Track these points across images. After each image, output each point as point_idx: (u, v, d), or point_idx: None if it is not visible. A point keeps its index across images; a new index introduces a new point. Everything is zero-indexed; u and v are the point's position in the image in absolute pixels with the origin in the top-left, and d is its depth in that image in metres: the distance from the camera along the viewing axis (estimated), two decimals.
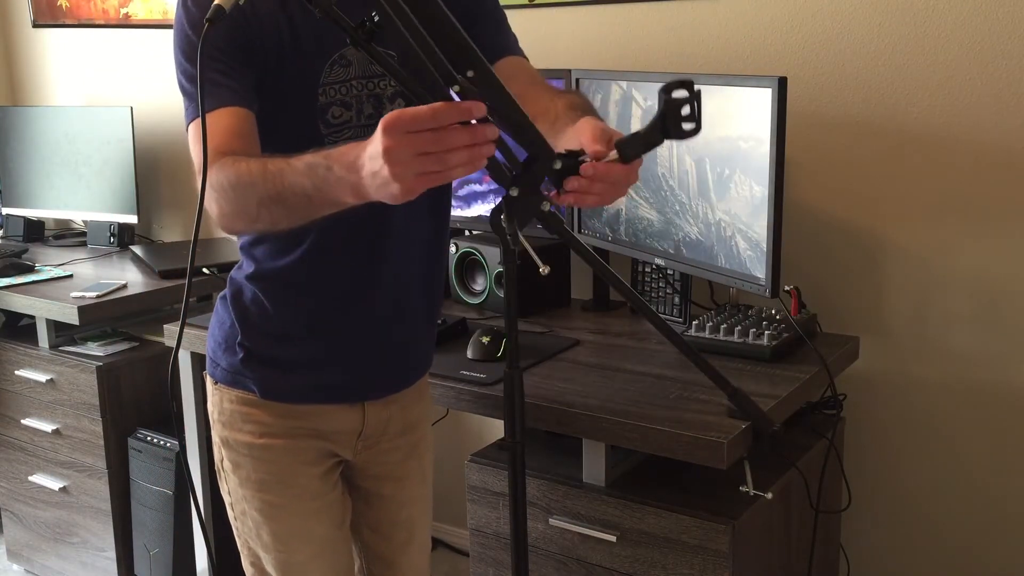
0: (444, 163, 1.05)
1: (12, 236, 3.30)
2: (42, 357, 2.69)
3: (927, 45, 1.98)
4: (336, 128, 1.46)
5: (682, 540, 1.66)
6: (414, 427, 1.68)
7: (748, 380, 1.77)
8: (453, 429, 2.75)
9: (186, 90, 1.42)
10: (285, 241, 1.49)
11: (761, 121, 1.79)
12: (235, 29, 1.38)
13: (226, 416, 1.57)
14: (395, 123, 1.04)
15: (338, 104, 1.45)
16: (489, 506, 1.88)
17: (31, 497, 2.85)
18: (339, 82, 1.45)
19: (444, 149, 1.04)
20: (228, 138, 1.33)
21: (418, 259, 1.57)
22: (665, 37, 2.27)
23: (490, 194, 2.37)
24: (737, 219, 1.88)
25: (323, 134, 1.45)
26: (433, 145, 1.04)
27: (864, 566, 2.23)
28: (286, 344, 1.54)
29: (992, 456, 2.05)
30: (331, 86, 1.44)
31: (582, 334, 2.10)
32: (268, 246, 1.51)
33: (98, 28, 3.29)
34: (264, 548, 1.60)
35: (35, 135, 3.20)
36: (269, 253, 1.52)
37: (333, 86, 1.45)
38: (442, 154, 1.04)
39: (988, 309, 2.00)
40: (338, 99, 1.45)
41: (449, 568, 2.79)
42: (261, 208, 1.24)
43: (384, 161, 1.05)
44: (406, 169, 1.05)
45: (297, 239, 1.48)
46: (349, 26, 1.25)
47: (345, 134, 1.46)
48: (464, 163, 1.06)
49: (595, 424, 1.67)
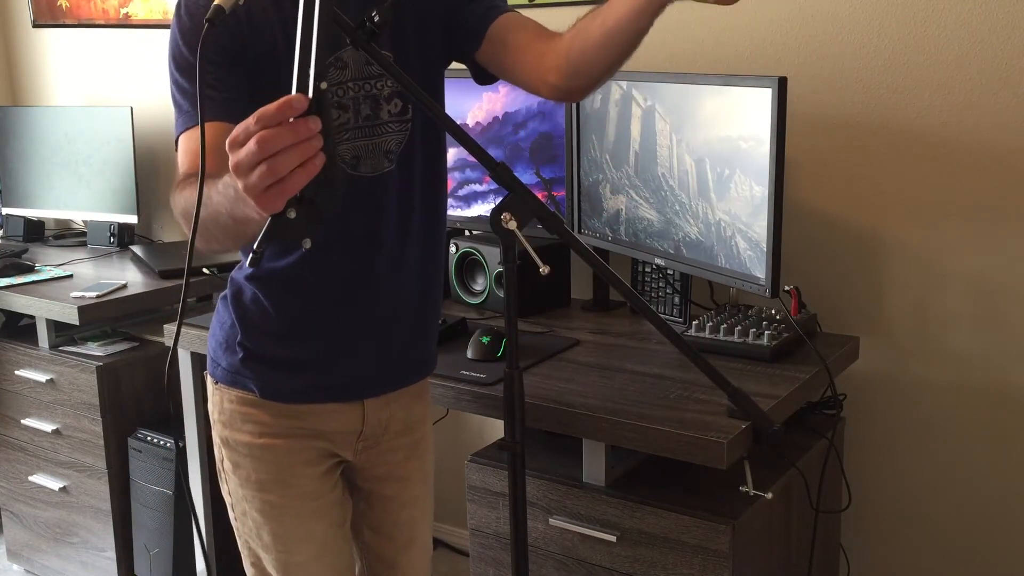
0: (274, 172, 0.98)
1: (12, 236, 3.30)
2: (42, 357, 2.69)
3: (927, 45, 1.98)
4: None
5: (682, 540, 1.66)
6: (415, 427, 1.68)
7: (748, 380, 1.77)
8: (453, 429, 2.75)
9: (175, 100, 1.43)
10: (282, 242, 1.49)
11: (761, 121, 1.79)
12: (229, 36, 1.38)
13: (226, 416, 1.58)
14: (229, 141, 1.00)
15: (335, 107, 1.45)
16: (489, 506, 1.88)
17: (31, 497, 2.85)
18: (335, 84, 1.45)
19: (267, 157, 0.98)
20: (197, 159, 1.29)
21: (416, 258, 1.57)
22: (665, 37, 2.27)
23: (490, 194, 2.37)
24: (737, 219, 1.88)
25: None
26: (256, 157, 0.98)
27: (864, 566, 2.23)
28: (286, 344, 1.54)
29: (992, 456, 2.05)
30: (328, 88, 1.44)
31: (582, 334, 2.10)
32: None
33: (98, 28, 3.29)
34: (264, 548, 1.60)
35: (35, 135, 3.20)
36: (269, 254, 1.52)
37: (329, 88, 1.44)
38: (270, 162, 0.98)
39: (988, 309, 2.00)
40: (335, 101, 1.45)
41: (449, 568, 2.79)
42: (209, 230, 1.22)
43: (235, 178, 1.01)
44: (251, 183, 0.99)
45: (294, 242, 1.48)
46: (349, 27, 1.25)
47: (343, 136, 1.46)
48: (294, 163, 0.98)
49: (595, 424, 1.67)
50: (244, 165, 0.99)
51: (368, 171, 1.49)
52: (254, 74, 1.41)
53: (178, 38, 1.40)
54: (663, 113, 2.00)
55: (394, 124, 1.50)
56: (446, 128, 1.30)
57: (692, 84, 1.94)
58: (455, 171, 2.41)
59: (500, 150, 2.32)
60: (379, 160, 1.49)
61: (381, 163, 1.50)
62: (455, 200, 2.43)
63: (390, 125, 1.50)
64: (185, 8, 1.41)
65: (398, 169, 1.51)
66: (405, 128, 1.51)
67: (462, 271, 2.35)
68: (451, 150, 2.42)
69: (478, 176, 2.39)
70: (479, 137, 2.30)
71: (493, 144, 2.32)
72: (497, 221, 1.26)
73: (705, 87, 1.92)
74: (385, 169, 1.50)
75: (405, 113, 1.50)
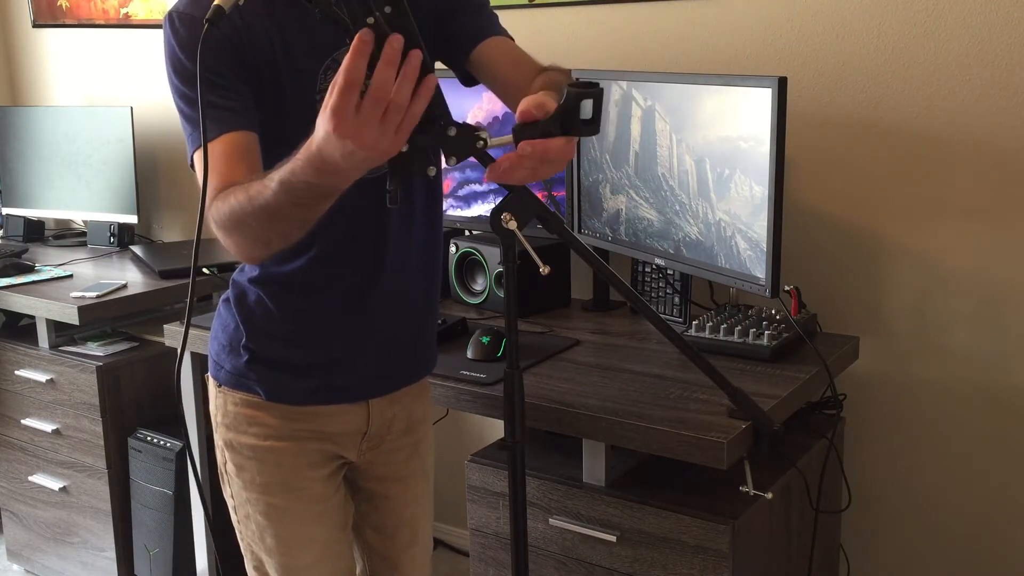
0: (399, 109, 1.04)
1: (12, 236, 3.30)
2: (42, 357, 2.69)
3: (927, 45, 1.98)
4: None
5: (682, 540, 1.66)
6: (417, 426, 1.69)
7: (748, 380, 1.77)
8: (453, 429, 2.75)
9: (186, 114, 1.39)
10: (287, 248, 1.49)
11: (761, 121, 1.79)
12: (227, 46, 1.36)
13: (230, 419, 1.57)
14: (332, 110, 1.05)
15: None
16: (489, 506, 1.88)
17: (31, 497, 2.85)
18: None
19: (385, 101, 1.04)
20: (231, 167, 1.32)
21: (417, 255, 1.57)
22: (665, 37, 2.27)
23: (490, 194, 2.37)
24: (737, 219, 1.88)
25: None
26: (379, 107, 1.04)
27: (864, 566, 2.23)
28: (292, 347, 1.54)
29: (992, 456, 2.05)
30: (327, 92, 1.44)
31: (582, 334, 2.10)
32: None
33: (98, 28, 3.29)
34: (267, 552, 1.60)
35: (35, 135, 3.20)
36: (274, 258, 1.51)
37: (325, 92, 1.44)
38: (392, 104, 1.04)
39: (988, 309, 2.00)
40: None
41: (449, 568, 2.79)
42: (265, 231, 1.24)
43: (360, 143, 1.06)
44: (382, 135, 1.06)
45: (302, 246, 1.48)
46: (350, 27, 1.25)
47: None
48: (410, 92, 1.05)
49: (595, 424, 1.67)
50: (370, 121, 1.04)
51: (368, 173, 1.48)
52: (255, 82, 1.40)
53: (178, 52, 1.37)
54: (663, 113, 2.00)
55: None
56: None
57: (692, 84, 1.94)
58: (455, 171, 2.41)
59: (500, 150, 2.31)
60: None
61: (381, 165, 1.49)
62: (455, 200, 2.43)
63: None
64: (180, 20, 1.37)
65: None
66: None
67: (462, 271, 2.35)
68: None
69: (478, 176, 2.39)
70: None
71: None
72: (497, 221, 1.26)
73: (705, 87, 1.92)
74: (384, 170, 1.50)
75: None
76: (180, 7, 1.39)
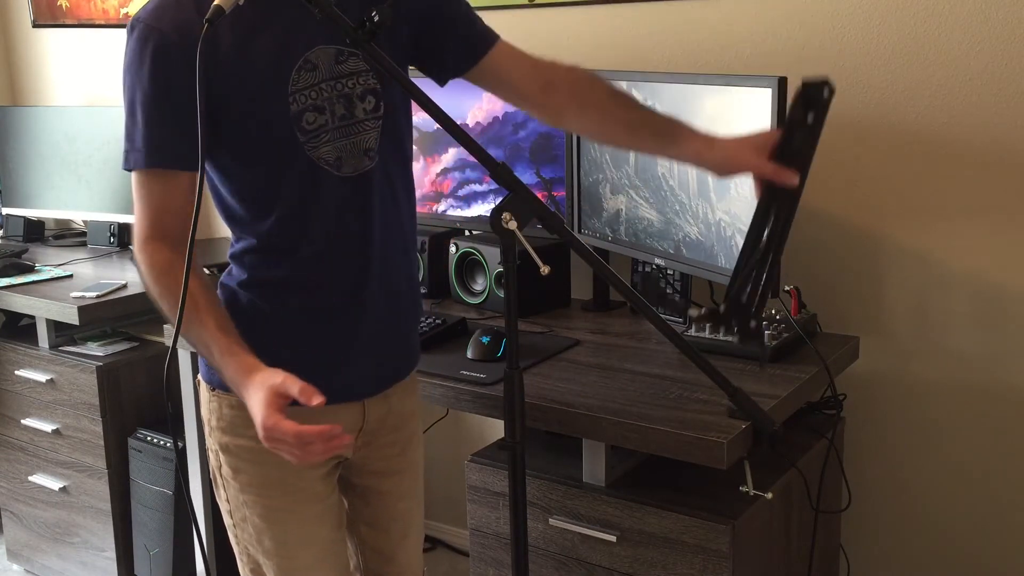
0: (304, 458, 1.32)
1: (12, 236, 3.30)
2: (42, 357, 2.69)
3: (927, 45, 1.98)
4: (313, 134, 1.44)
5: (682, 540, 1.66)
6: (408, 421, 1.69)
7: (748, 380, 1.77)
8: (453, 429, 2.75)
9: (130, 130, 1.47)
10: (276, 253, 1.49)
11: (761, 121, 1.79)
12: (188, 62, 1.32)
13: (226, 422, 1.56)
14: (272, 430, 1.29)
15: (311, 109, 1.44)
16: (489, 506, 1.88)
17: (31, 497, 2.85)
18: (308, 87, 1.43)
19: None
20: (161, 215, 1.44)
21: (401, 249, 1.58)
22: (665, 37, 2.27)
23: (490, 194, 2.37)
24: (737, 219, 1.88)
25: (301, 142, 1.44)
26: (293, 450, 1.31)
27: (864, 566, 2.23)
28: (286, 349, 1.53)
29: (992, 456, 2.05)
30: (301, 92, 1.43)
31: (582, 334, 2.10)
32: (259, 256, 1.51)
33: (98, 28, 3.29)
34: (266, 554, 1.59)
35: (35, 135, 3.20)
36: (261, 263, 1.51)
37: (303, 92, 1.43)
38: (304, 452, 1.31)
39: (988, 309, 2.00)
40: (310, 104, 1.44)
41: (449, 568, 2.79)
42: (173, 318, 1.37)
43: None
44: (283, 450, 1.32)
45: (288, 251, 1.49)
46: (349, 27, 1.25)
47: (323, 138, 1.45)
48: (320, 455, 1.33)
49: (595, 424, 1.67)
50: (287, 447, 1.32)
51: (350, 171, 1.48)
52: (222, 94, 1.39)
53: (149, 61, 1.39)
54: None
55: (370, 122, 1.49)
56: (448, 129, 1.29)
57: (692, 84, 1.94)
58: (455, 171, 2.41)
59: (500, 150, 2.32)
60: (359, 159, 1.49)
61: (362, 161, 1.49)
62: (455, 200, 2.43)
63: (366, 123, 1.49)
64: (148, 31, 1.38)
65: (378, 166, 1.51)
66: (378, 125, 1.50)
67: (462, 271, 2.35)
68: (451, 150, 2.42)
69: (478, 176, 2.39)
70: (479, 137, 2.30)
71: (493, 144, 2.32)
72: (497, 221, 1.26)
73: (705, 87, 1.92)
74: (366, 168, 1.50)
75: (378, 110, 1.50)
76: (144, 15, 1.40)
